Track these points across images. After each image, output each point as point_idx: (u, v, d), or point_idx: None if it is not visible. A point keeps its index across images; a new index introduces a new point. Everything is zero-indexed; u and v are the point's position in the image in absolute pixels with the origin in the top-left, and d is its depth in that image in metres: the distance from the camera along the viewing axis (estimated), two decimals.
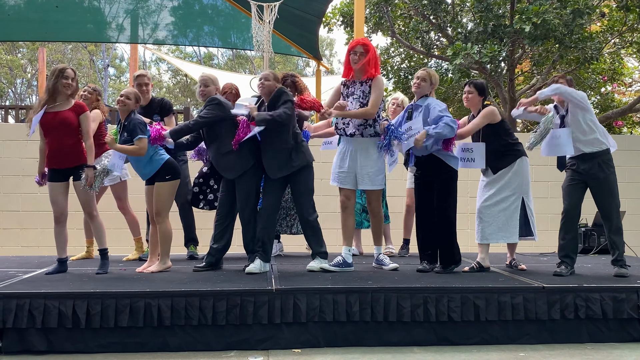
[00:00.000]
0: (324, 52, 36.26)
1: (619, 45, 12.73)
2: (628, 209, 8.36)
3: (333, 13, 13.23)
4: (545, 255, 6.86)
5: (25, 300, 4.11)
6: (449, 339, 4.44)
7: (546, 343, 4.49)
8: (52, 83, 5.02)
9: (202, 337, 4.26)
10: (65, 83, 5.03)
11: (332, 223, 7.39)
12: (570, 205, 5.36)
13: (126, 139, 5.13)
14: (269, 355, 4.16)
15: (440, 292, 4.44)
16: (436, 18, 12.22)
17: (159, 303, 4.19)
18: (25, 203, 8.08)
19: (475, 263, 5.42)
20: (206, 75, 5.44)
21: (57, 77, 5.02)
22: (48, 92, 5.05)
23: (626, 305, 4.54)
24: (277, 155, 5.17)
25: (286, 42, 11.83)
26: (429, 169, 5.32)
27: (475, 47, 10.26)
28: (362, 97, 5.30)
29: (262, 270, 5.13)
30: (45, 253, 6.21)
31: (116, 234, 7.44)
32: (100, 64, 33.46)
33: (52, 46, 29.88)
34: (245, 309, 4.25)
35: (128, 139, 5.12)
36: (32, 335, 4.12)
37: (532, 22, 9.52)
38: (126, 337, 4.20)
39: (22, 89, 34.27)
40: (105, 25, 11.95)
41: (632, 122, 15.58)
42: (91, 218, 5.22)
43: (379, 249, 5.57)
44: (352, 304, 4.33)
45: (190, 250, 6.36)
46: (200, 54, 35.35)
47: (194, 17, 12.17)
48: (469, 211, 8.14)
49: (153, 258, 5.39)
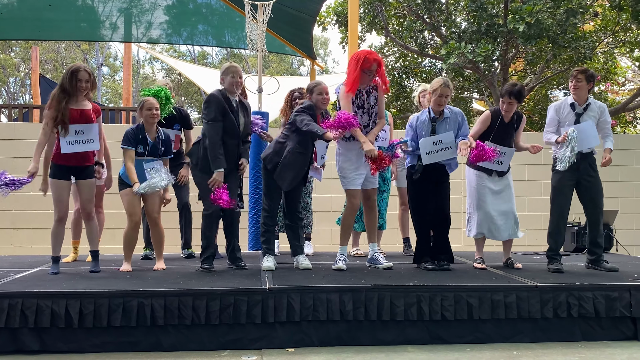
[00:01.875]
0: (318, 51, 36.27)
1: (612, 45, 12.77)
2: (621, 208, 8.41)
3: (327, 12, 13.23)
4: (538, 254, 6.87)
5: (18, 299, 4.09)
6: (442, 337, 4.45)
7: (539, 341, 4.50)
8: (67, 83, 5.00)
9: (196, 336, 4.25)
10: (79, 85, 5.02)
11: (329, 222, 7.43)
12: (566, 205, 5.43)
13: (162, 153, 5.40)
14: (263, 354, 4.15)
15: (434, 291, 4.45)
16: (430, 17, 12.23)
17: (152, 302, 4.19)
18: (18, 202, 8.05)
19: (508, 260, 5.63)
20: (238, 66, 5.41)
21: (70, 79, 5.00)
22: (64, 91, 5.01)
23: (619, 303, 4.56)
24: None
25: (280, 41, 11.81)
26: (436, 171, 5.37)
27: (469, 47, 10.28)
28: (371, 109, 5.37)
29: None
30: (38, 252, 6.19)
31: (111, 233, 7.44)
32: (93, 62, 33.36)
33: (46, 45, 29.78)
34: (239, 309, 4.25)
35: (163, 153, 5.41)
36: (24, 335, 4.10)
37: (526, 22, 9.54)
38: (119, 337, 4.19)
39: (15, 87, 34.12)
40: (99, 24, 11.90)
41: (625, 122, 15.63)
42: (89, 219, 5.21)
43: (374, 245, 5.56)
44: (346, 303, 4.33)
45: (186, 250, 6.35)
46: (194, 53, 35.29)
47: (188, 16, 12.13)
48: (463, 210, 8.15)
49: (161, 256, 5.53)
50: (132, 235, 5.35)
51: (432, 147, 5.28)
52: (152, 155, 5.32)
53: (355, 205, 5.39)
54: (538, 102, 15.23)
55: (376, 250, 5.56)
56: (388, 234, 6.90)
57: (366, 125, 5.36)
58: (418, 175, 5.36)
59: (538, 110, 14.90)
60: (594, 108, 5.47)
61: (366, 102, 5.34)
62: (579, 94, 5.43)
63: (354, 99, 5.31)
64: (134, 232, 5.34)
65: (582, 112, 5.42)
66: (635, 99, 12.59)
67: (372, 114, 5.37)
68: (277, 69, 33.01)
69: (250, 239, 7.29)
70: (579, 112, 5.42)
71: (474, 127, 5.62)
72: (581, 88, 5.40)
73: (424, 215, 5.43)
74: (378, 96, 5.39)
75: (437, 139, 5.28)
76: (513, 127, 5.55)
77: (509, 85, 5.48)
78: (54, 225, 5.12)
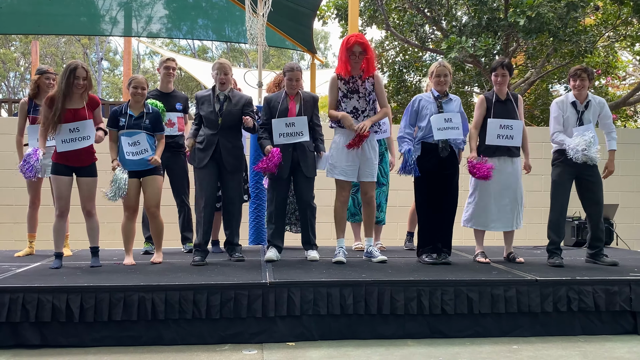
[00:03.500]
0: (319, 45, 36.20)
1: (613, 39, 12.73)
2: (621, 202, 8.40)
3: (327, 6, 13.19)
4: (538, 248, 6.88)
5: (19, 294, 4.10)
6: (442, 331, 4.45)
7: (539, 336, 4.51)
8: (65, 82, 4.97)
9: (196, 330, 4.26)
10: (77, 83, 5.00)
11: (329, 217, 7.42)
12: (565, 199, 5.44)
13: (147, 126, 5.26)
14: (263, 348, 4.16)
15: (434, 285, 4.46)
16: (431, 11, 12.21)
17: (153, 297, 4.19)
18: (18, 197, 8.05)
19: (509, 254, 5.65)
20: (226, 62, 5.44)
21: (69, 77, 4.97)
22: (62, 92, 4.98)
23: (618, 297, 4.57)
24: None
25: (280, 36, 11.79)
26: (449, 163, 5.38)
27: (470, 41, 10.25)
28: (367, 95, 5.34)
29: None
30: (38, 247, 6.18)
31: (111, 228, 7.44)
32: (93, 57, 33.33)
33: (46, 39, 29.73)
34: (240, 303, 4.26)
35: (149, 127, 5.26)
36: (25, 330, 4.11)
37: (527, 16, 9.52)
38: (120, 331, 4.20)
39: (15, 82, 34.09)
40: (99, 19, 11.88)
41: (626, 116, 15.61)
42: (90, 216, 5.21)
43: (370, 240, 5.57)
44: (346, 297, 4.34)
45: (187, 245, 6.35)
46: (194, 47, 35.25)
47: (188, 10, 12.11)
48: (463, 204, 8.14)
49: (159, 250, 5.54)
50: (128, 227, 5.38)
51: (443, 124, 5.30)
52: (133, 128, 5.25)
53: (343, 196, 5.43)
54: (539, 97, 15.19)
55: (372, 244, 5.57)
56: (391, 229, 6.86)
57: (363, 111, 5.36)
58: (447, 153, 5.34)
59: (539, 105, 14.87)
60: (594, 104, 5.47)
61: (361, 87, 5.34)
62: (582, 92, 5.43)
63: (346, 84, 5.34)
64: (130, 224, 5.37)
65: (584, 110, 5.42)
66: (635, 93, 12.57)
67: (369, 101, 5.36)
68: (277, 63, 32.96)
69: (251, 234, 7.30)
70: (581, 109, 5.42)
71: (474, 116, 5.61)
72: (585, 87, 5.41)
73: (432, 209, 5.42)
74: (375, 83, 5.38)
75: (448, 117, 5.32)
76: (512, 105, 5.54)
77: (498, 59, 5.54)
78: (55, 220, 5.13)
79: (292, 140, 5.33)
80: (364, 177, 5.40)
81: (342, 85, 5.38)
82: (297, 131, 5.32)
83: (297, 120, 5.33)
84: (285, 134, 5.31)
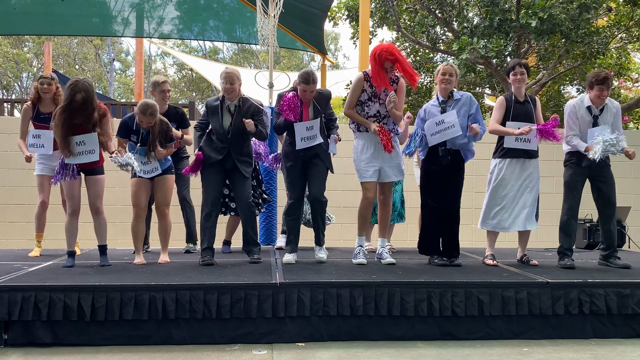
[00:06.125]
0: (329, 46, 36.19)
1: (626, 40, 12.63)
2: (634, 205, 8.35)
3: (338, 7, 13.19)
4: (550, 250, 6.84)
5: (31, 293, 4.13)
6: (452, 333, 4.44)
7: (550, 338, 4.49)
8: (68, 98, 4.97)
9: (207, 330, 4.27)
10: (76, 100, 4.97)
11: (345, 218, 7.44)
12: (577, 201, 5.41)
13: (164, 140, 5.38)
14: (273, 348, 4.17)
15: (444, 287, 4.44)
16: (442, 12, 12.17)
17: (164, 296, 4.21)
18: (30, 196, 8.11)
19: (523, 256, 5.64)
20: (232, 72, 5.38)
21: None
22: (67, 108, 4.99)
23: (631, 300, 4.53)
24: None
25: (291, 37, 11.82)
26: (453, 164, 5.36)
27: (481, 42, 10.21)
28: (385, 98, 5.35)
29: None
30: (50, 246, 6.23)
31: (122, 227, 7.48)
32: (105, 58, 33.50)
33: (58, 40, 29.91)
34: (250, 303, 4.27)
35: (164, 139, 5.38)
36: (37, 328, 4.14)
37: (539, 17, 9.47)
38: (131, 330, 4.22)
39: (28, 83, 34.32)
40: (111, 19, 11.97)
41: (639, 118, 15.48)
42: (98, 214, 5.25)
43: (383, 241, 5.57)
44: (356, 298, 4.34)
45: (188, 245, 6.39)
46: (205, 48, 35.35)
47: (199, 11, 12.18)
48: (474, 206, 8.13)
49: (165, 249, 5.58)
50: (137, 226, 5.42)
51: (435, 128, 5.28)
52: (145, 144, 5.29)
53: (369, 198, 5.40)
54: (550, 98, 15.11)
55: (384, 245, 5.57)
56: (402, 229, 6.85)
57: (385, 116, 5.36)
58: (447, 160, 5.33)
59: (551, 107, 14.79)
60: (611, 108, 5.42)
61: (382, 93, 5.32)
62: (604, 101, 5.38)
63: (371, 86, 5.32)
64: (138, 223, 5.41)
65: (599, 114, 5.37)
66: None
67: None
68: (287, 65, 32.98)
69: (261, 234, 7.31)
70: (596, 114, 5.38)
71: (492, 115, 5.56)
72: (606, 97, 5.36)
73: (437, 210, 5.40)
74: (397, 89, 5.35)
75: (439, 119, 5.28)
76: (530, 106, 5.52)
77: (514, 59, 5.49)
78: (67, 219, 5.18)
79: (311, 143, 5.35)
80: (389, 177, 5.42)
81: (367, 88, 5.35)
82: (315, 134, 5.35)
83: (314, 123, 5.35)
84: (306, 137, 5.31)
